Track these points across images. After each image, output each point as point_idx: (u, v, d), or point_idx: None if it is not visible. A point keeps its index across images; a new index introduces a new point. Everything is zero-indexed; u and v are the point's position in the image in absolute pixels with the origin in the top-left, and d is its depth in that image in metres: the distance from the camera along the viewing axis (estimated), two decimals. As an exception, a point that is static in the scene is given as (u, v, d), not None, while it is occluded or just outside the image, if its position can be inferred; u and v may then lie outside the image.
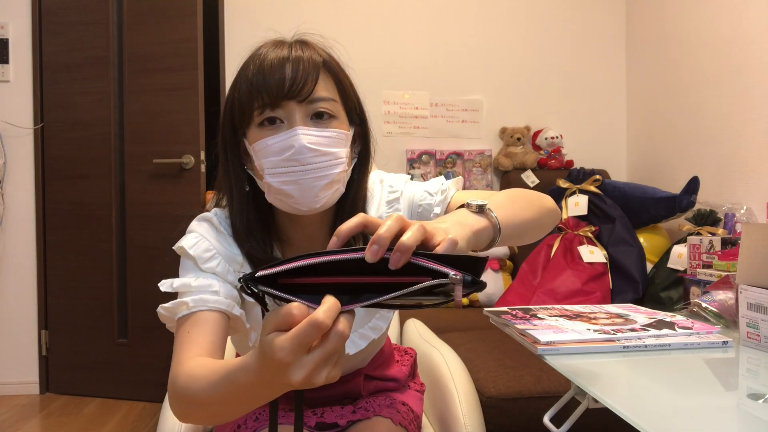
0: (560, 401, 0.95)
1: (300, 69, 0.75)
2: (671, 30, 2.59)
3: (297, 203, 0.77)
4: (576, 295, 2.09)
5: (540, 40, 2.91)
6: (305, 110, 0.76)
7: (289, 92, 0.74)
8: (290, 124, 0.75)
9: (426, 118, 2.86)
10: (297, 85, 0.75)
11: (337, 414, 0.93)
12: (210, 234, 0.82)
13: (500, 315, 1.04)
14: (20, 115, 2.63)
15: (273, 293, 0.52)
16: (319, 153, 0.75)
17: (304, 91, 0.75)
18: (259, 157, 0.77)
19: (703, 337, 0.93)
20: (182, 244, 0.82)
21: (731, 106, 2.21)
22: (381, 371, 1.01)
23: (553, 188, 2.57)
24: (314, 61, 0.77)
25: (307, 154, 0.74)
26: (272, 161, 0.75)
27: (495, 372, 1.47)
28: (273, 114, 0.75)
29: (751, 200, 2.09)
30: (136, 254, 2.56)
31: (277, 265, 0.52)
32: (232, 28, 2.76)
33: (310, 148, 0.74)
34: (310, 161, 0.74)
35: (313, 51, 0.79)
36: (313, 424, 0.92)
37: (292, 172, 0.75)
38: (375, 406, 0.95)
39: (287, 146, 0.74)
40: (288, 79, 0.74)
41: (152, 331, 2.54)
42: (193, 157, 2.47)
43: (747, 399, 0.75)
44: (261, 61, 0.76)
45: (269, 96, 0.74)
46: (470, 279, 0.51)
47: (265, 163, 0.76)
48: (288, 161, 0.74)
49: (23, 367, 2.65)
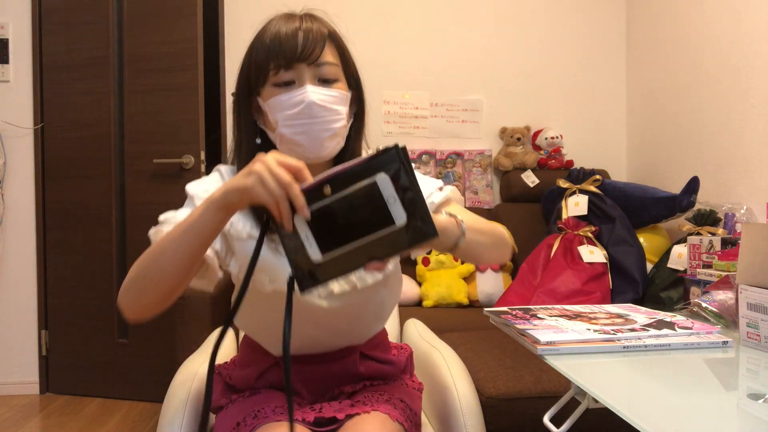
0: (560, 401, 0.95)
1: (310, 37, 0.88)
2: (671, 30, 2.59)
3: (305, 151, 0.89)
4: (576, 295, 2.09)
5: (540, 40, 2.91)
6: (313, 72, 0.88)
7: (301, 56, 0.87)
8: (300, 83, 0.88)
9: (426, 118, 2.86)
10: (308, 50, 0.87)
11: (335, 408, 0.94)
12: (215, 180, 0.95)
13: (500, 315, 1.04)
14: (20, 115, 2.63)
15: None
16: (324, 109, 0.87)
17: (313, 56, 0.87)
18: (274, 112, 0.88)
19: (703, 337, 0.93)
20: (187, 186, 0.93)
21: (731, 106, 2.21)
22: (377, 353, 1.05)
23: (553, 188, 2.57)
24: (322, 32, 0.90)
25: (315, 109, 0.87)
26: (286, 114, 0.87)
27: (495, 372, 1.47)
28: (286, 75, 0.87)
29: (751, 200, 2.09)
30: (136, 254, 2.54)
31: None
32: (232, 28, 2.76)
33: (317, 104, 0.87)
34: (318, 115, 0.87)
35: (320, 23, 0.92)
36: (312, 420, 0.92)
37: (302, 123, 0.87)
38: (373, 401, 0.96)
39: (299, 101, 0.86)
40: (300, 45, 0.87)
41: (152, 331, 2.54)
42: (193, 157, 2.47)
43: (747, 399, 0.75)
44: (276, 30, 0.88)
45: (284, 58, 0.87)
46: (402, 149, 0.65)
47: (279, 117, 0.88)
48: (299, 114, 0.87)
49: (23, 367, 2.65)
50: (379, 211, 0.66)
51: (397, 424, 0.92)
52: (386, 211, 0.66)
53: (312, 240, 0.68)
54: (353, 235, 0.67)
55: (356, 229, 0.67)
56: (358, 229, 0.67)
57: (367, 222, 0.67)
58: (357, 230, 0.67)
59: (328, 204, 0.67)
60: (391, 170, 0.66)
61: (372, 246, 0.67)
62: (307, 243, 0.68)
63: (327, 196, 0.67)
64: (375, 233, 0.67)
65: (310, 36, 0.88)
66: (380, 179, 0.66)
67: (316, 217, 0.67)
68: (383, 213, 0.66)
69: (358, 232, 0.67)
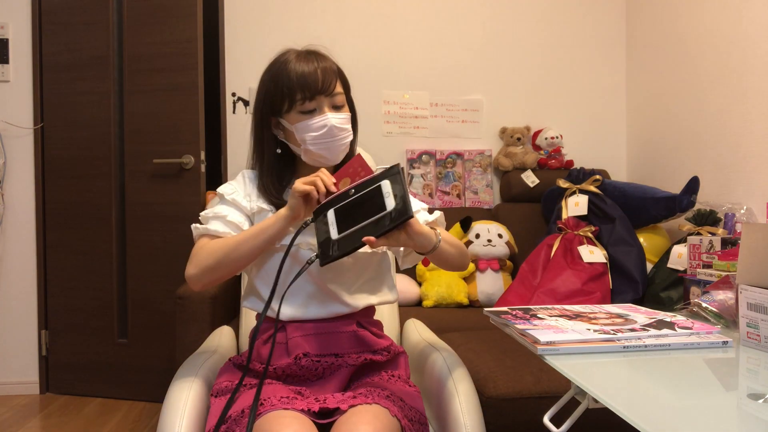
0: (560, 401, 0.95)
1: (326, 75, 1.14)
2: (671, 30, 2.59)
3: (327, 161, 1.17)
4: (576, 295, 2.09)
5: (540, 40, 2.91)
6: (329, 101, 1.15)
7: (321, 90, 1.13)
8: (321, 111, 1.14)
9: (426, 118, 2.86)
10: (326, 85, 1.14)
11: (338, 400, 0.99)
12: (239, 182, 1.22)
13: (500, 315, 1.04)
14: (20, 115, 2.63)
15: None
16: (340, 129, 1.15)
17: (330, 89, 1.14)
18: (301, 133, 1.14)
19: (703, 337, 0.93)
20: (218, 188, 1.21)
21: (731, 106, 2.21)
22: (373, 328, 1.20)
23: (553, 188, 2.57)
24: (333, 69, 1.16)
25: (335, 131, 1.14)
26: (312, 135, 1.13)
27: (495, 372, 1.47)
28: (310, 104, 1.13)
29: (751, 200, 2.09)
30: (136, 254, 2.56)
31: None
32: (232, 28, 2.76)
33: (337, 126, 1.14)
34: (336, 134, 1.15)
35: (329, 62, 1.17)
36: (317, 410, 0.96)
37: (326, 142, 1.14)
38: (374, 395, 1.00)
39: (322, 126, 1.13)
40: (320, 81, 1.13)
41: (152, 331, 2.54)
42: (193, 157, 2.46)
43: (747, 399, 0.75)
44: (301, 70, 1.13)
45: (310, 92, 1.13)
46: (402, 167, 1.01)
47: (307, 137, 1.14)
48: (323, 135, 1.14)
49: (23, 367, 2.65)
50: (378, 202, 0.98)
51: (394, 420, 0.96)
52: (382, 202, 0.98)
53: (335, 226, 1.00)
54: (360, 221, 0.98)
55: (362, 217, 0.99)
56: (364, 216, 0.98)
57: (370, 211, 0.98)
58: (363, 217, 0.98)
59: (349, 201, 1.02)
60: (391, 178, 0.99)
61: (370, 226, 0.97)
62: (332, 228, 1.00)
63: (351, 196, 1.02)
64: (373, 217, 0.97)
65: (327, 73, 1.14)
66: (383, 183, 0.99)
67: (341, 210, 1.02)
68: (380, 203, 0.98)
69: (363, 218, 0.98)
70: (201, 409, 1.09)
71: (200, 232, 1.14)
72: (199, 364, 1.20)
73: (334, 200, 1.03)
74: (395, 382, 1.10)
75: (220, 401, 1.05)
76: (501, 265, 2.40)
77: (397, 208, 0.95)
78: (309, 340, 1.12)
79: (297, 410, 0.95)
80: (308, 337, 1.12)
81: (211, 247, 1.09)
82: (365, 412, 0.95)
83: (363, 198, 1.00)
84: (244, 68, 2.74)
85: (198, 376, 1.14)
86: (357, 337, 1.15)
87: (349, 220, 0.99)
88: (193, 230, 1.16)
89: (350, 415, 0.95)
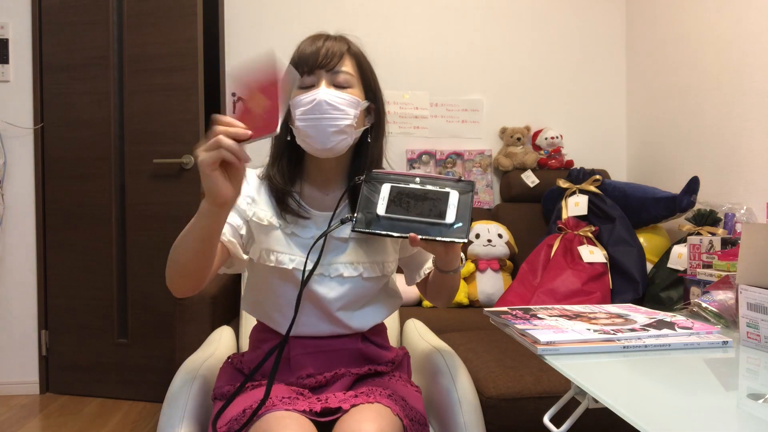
0: (560, 401, 0.95)
1: (330, 50, 1.05)
2: (671, 30, 2.59)
3: (314, 142, 1.03)
4: (576, 295, 2.09)
5: (540, 40, 2.91)
6: (330, 78, 1.04)
7: (320, 64, 1.04)
8: (317, 86, 1.03)
9: (426, 118, 2.86)
10: (326, 60, 1.04)
11: (340, 399, 0.99)
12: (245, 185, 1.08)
13: (500, 315, 1.04)
14: (20, 115, 2.63)
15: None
16: (332, 107, 1.02)
17: (330, 64, 1.04)
18: (294, 108, 1.03)
19: (703, 337, 0.93)
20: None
21: (731, 106, 2.21)
22: (377, 339, 1.16)
23: (553, 188, 2.57)
24: (341, 47, 1.07)
25: (324, 106, 1.01)
26: (301, 110, 1.02)
27: (495, 372, 1.47)
28: (308, 79, 1.04)
29: (751, 200, 2.09)
30: (136, 254, 2.56)
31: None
32: (232, 28, 2.76)
33: (326, 101, 1.01)
34: (326, 111, 1.01)
35: (343, 40, 1.09)
36: (319, 410, 0.95)
37: (312, 118, 1.01)
38: (376, 394, 1.00)
39: (312, 99, 1.01)
40: (321, 56, 1.04)
41: (152, 331, 2.54)
42: (193, 157, 2.47)
43: (747, 399, 0.75)
44: (304, 46, 1.07)
45: (307, 66, 1.04)
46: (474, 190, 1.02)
47: (297, 112, 1.02)
48: (311, 110, 1.01)
49: (23, 367, 2.65)
50: (439, 208, 0.97)
51: (396, 418, 0.96)
52: (444, 210, 0.97)
53: (385, 202, 0.98)
54: (412, 213, 0.97)
55: (417, 211, 0.97)
56: (418, 212, 0.97)
57: (428, 211, 0.97)
58: (417, 211, 0.97)
59: (412, 188, 1.00)
60: (463, 193, 0.99)
61: (420, 225, 0.95)
62: (380, 201, 0.98)
63: (415, 183, 1.01)
64: (427, 219, 0.96)
65: (330, 49, 1.05)
66: (453, 193, 0.99)
67: (398, 191, 0.99)
68: (441, 211, 0.97)
69: (417, 213, 0.97)
70: (201, 409, 1.09)
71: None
72: (199, 364, 1.20)
73: (396, 176, 1.01)
74: (396, 382, 1.10)
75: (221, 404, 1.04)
76: (501, 265, 2.40)
77: (458, 225, 0.95)
78: (312, 357, 1.08)
79: (299, 411, 0.94)
80: (311, 355, 1.09)
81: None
82: (368, 410, 0.94)
83: (426, 193, 0.98)
84: (244, 68, 2.74)
85: (198, 376, 1.14)
86: (362, 353, 1.12)
87: (403, 207, 0.97)
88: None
89: (353, 413, 0.95)
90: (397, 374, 1.14)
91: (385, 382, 1.09)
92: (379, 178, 1.01)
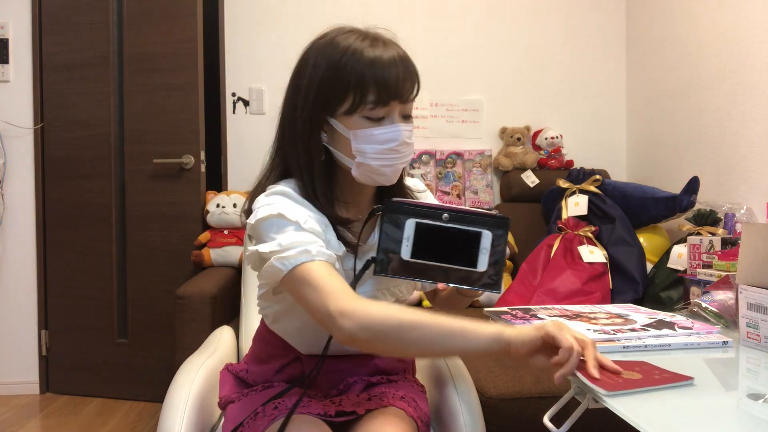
0: (560, 401, 0.95)
1: (409, 74, 0.91)
2: (671, 30, 2.59)
3: (385, 180, 0.94)
4: (576, 295, 2.09)
5: (540, 39, 2.91)
6: (402, 108, 0.92)
7: (400, 93, 0.90)
8: (391, 120, 0.91)
9: (426, 118, 2.86)
10: (406, 88, 0.90)
11: (354, 402, 0.98)
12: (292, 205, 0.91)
13: (500, 315, 1.04)
14: (20, 115, 2.63)
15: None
16: (408, 144, 0.93)
17: (408, 95, 0.92)
18: (361, 142, 0.90)
19: (703, 337, 0.93)
20: (278, 210, 0.88)
21: (731, 106, 2.21)
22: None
23: (553, 188, 2.57)
24: (414, 68, 0.93)
25: (403, 146, 0.92)
26: (375, 148, 0.90)
27: (495, 372, 1.47)
28: (382, 111, 0.90)
29: (751, 200, 2.09)
30: (136, 254, 2.56)
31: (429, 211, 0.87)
32: (232, 28, 2.75)
33: (406, 141, 0.92)
34: (404, 150, 0.93)
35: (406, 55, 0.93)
36: (333, 413, 0.95)
37: (391, 158, 0.91)
38: (389, 397, 0.99)
39: (391, 138, 0.90)
40: (401, 82, 0.89)
41: (152, 331, 2.54)
42: (193, 157, 2.46)
43: (747, 399, 0.75)
44: (379, 61, 0.88)
45: (386, 94, 0.88)
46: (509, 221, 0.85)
47: (367, 149, 0.90)
48: (390, 150, 0.91)
49: (23, 367, 2.65)
50: (470, 252, 0.85)
51: (411, 421, 0.96)
52: (475, 255, 0.85)
53: (410, 243, 0.86)
54: (440, 258, 0.85)
55: (446, 255, 0.85)
56: (447, 256, 0.85)
57: (457, 255, 0.85)
58: (446, 256, 0.85)
59: (439, 226, 0.86)
60: (497, 233, 0.85)
61: (449, 272, 0.86)
62: (405, 242, 0.86)
63: (442, 221, 0.86)
64: (456, 265, 0.85)
65: (409, 72, 0.91)
66: (485, 233, 0.85)
67: (423, 229, 0.86)
68: (471, 255, 0.85)
69: (446, 258, 0.85)
70: (201, 409, 1.09)
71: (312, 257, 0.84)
72: (199, 364, 1.20)
73: (420, 209, 0.87)
74: (406, 385, 1.09)
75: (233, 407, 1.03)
76: (501, 265, 2.40)
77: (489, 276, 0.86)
78: (326, 376, 1.04)
79: (313, 414, 0.93)
80: (325, 374, 1.04)
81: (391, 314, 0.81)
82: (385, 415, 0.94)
83: (454, 233, 0.85)
84: (244, 68, 2.74)
85: (198, 376, 1.14)
86: (373, 365, 1.09)
87: (430, 249, 0.85)
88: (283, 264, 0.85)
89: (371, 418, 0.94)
90: (407, 376, 1.14)
91: (397, 384, 1.08)
92: (402, 210, 0.87)
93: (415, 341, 0.80)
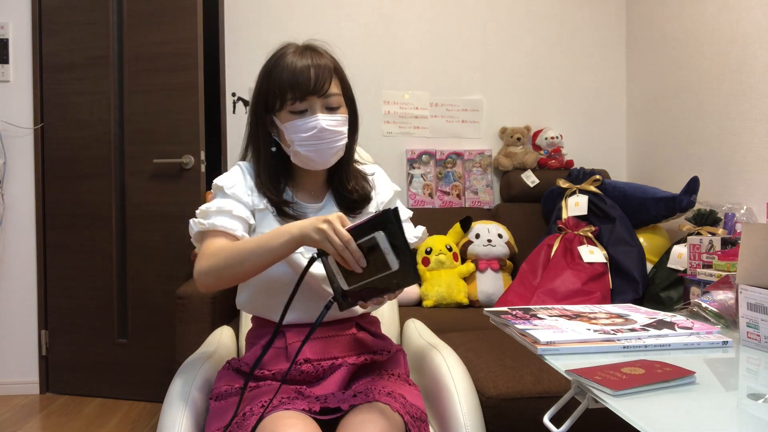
0: (560, 401, 0.95)
1: (320, 74, 1.09)
2: (671, 30, 2.59)
3: (316, 164, 1.13)
4: (576, 295, 2.09)
5: (540, 40, 2.91)
6: (322, 102, 1.10)
7: (313, 90, 1.08)
8: (312, 112, 1.09)
9: (426, 118, 2.86)
10: (318, 85, 1.08)
11: (339, 399, 1.00)
12: (237, 174, 1.17)
13: (500, 315, 1.04)
14: (20, 115, 2.63)
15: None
16: (331, 132, 1.10)
17: (323, 90, 1.09)
18: (290, 133, 1.10)
19: (703, 337, 0.93)
20: (216, 180, 1.15)
21: (731, 106, 2.21)
22: (371, 328, 1.20)
23: (553, 188, 2.58)
24: (328, 67, 1.11)
25: (325, 133, 1.09)
26: (300, 137, 1.09)
27: (495, 372, 1.47)
28: (301, 105, 1.09)
29: (751, 200, 2.09)
30: (136, 254, 2.56)
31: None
32: (232, 28, 2.76)
33: (326, 128, 1.09)
34: (326, 137, 1.10)
35: (326, 58, 1.12)
36: (318, 409, 0.96)
37: (314, 144, 1.10)
38: (375, 393, 1.01)
39: (311, 127, 1.09)
40: (312, 81, 1.08)
41: (152, 331, 2.54)
42: (193, 157, 2.46)
43: (747, 399, 0.75)
44: (293, 67, 1.09)
45: (300, 92, 1.08)
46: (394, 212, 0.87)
47: (295, 138, 1.10)
48: (311, 137, 1.09)
49: (23, 367, 2.65)
50: (381, 258, 0.89)
51: (397, 415, 0.97)
52: (384, 259, 0.88)
53: (341, 275, 0.93)
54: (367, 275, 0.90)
55: (369, 271, 0.90)
56: (370, 271, 0.90)
57: (376, 266, 0.89)
58: (369, 272, 0.90)
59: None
60: (388, 229, 0.88)
61: (384, 281, 0.90)
62: (339, 276, 0.93)
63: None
64: (381, 273, 0.89)
65: (320, 72, 1.08)
66: (378, 236, 0.88)
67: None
68: (383, 261, 0.89)
69: (370, 273, 0.90)
70: (201, 409, 1.09)
71: (205, 227, 1.07)
72: (199, 364, 1.20)
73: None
74: (395, 381, 1.10)
75: (219, 405, 1.05)
76: (501, 265, 2.40)
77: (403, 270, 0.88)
78: (309, 344, 1.09)
79: (298, 410, 0.94)
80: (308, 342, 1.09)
81: (221, 250, 1.02)
82: (369, 409, 0.95)
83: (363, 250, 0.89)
84: (244, 68, 2.74)
85: (198, 376, 1.14)
86: (356, 339, 1.15)
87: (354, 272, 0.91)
88: (195, 226, 1.09)
89: (355, 413, 0.95)
90: (396, 372, 1.14)
91: (384, 380, 1.09)
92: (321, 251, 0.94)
93: (241, 266, 0.99)
